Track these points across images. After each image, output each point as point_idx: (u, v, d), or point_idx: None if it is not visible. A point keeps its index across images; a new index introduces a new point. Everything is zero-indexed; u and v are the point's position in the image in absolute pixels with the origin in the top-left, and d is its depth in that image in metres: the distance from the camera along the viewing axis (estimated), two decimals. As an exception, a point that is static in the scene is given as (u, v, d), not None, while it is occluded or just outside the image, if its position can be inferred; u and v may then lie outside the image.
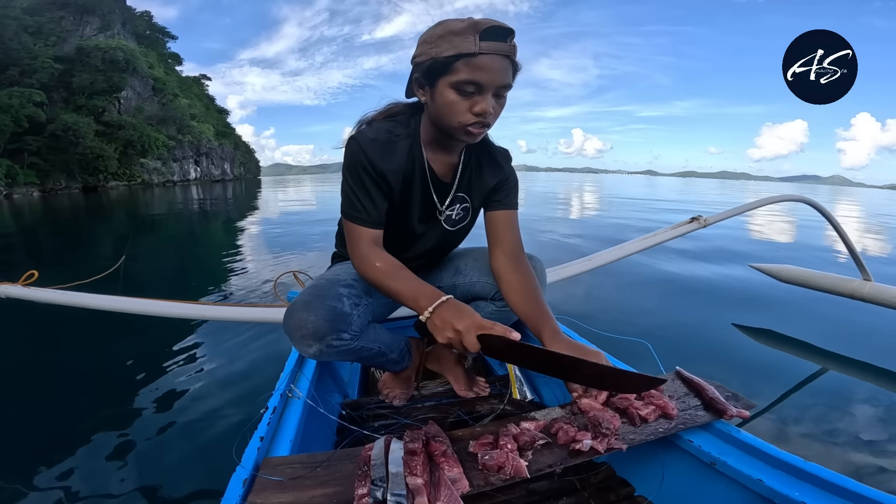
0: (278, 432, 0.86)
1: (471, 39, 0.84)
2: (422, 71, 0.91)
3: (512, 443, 0.75)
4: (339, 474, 0.66)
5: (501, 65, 0.87)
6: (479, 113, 0.89)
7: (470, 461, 0.72)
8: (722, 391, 0.91)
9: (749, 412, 0.85)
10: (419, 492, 0.60)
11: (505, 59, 0.87)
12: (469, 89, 0.87)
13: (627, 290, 3.63)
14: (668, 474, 0.87)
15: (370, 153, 0.96)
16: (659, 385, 0.83)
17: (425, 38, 0.90)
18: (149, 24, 63.42)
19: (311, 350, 0.96)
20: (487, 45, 0.84)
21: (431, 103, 0.94)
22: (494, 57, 0.85)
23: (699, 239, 5.62)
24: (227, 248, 6.17)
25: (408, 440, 0.67)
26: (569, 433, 0.78)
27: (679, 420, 0.84)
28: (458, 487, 0.63)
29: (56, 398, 1.89)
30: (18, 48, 34.45)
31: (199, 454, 1.49)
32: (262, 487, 0.63)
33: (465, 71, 0.86)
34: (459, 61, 0.85)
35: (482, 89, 0.88)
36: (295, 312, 0.95)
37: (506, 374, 1.38)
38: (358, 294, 1.03)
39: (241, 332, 2.53)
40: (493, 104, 0.90)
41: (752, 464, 0.74)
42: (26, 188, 30.82)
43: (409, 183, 1.03)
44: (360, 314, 1.01)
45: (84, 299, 1.30)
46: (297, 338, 0.95)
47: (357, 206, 0.98)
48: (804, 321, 2.80)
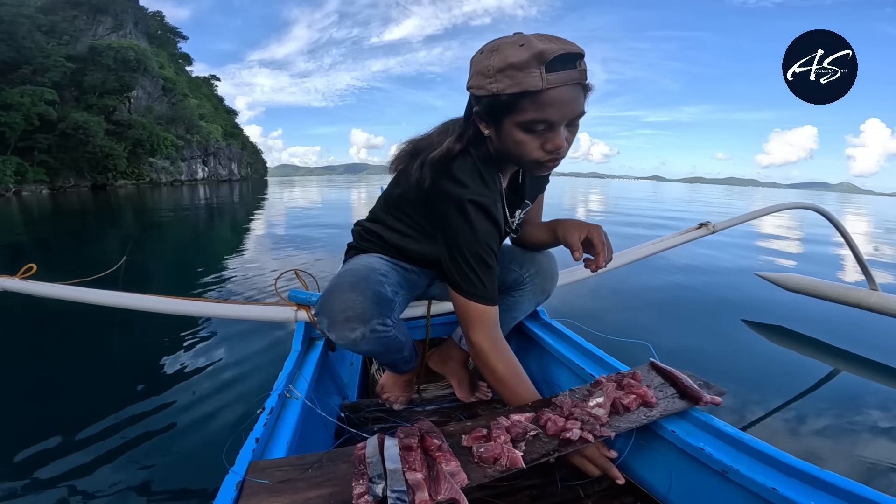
0: (274, 434, 0.84)
1: (536, 74, 0.73)
2: (482, 106, 0.83)
3: (505, 434, 0.74)
4: (334, 475, 0.64)
5: (572, 95, 0.77)
6: (552, 150, 0.82)
7: (465, 455, 0.71)
8: (694, 380, 0.93)
9: (721, 399, 0.88)
10: (419, 487, 0.58)
11: (576, 87, 0.77)
12: (539, 128, 0.80)
13: (631, 296, 3.60)
14: (676, 483, 0.85)
15: (496, 214, 0.90)
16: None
17: (481, 68, 0.79)
18: (160, 25, 64.11)
19: (354, 334, 0.90)
20: (556, 78, 0.74)
21: (497, 140, 0.87)
22: (564, 89, 0.76)
23: (706, 246, 5.60)
24: (231, 248, 6.20)
25: (402, 436, 0.65)
26: (557, 423, 0.78)
27: (659, 408, 0.86)
28: (456, 481, 0.62)
29: (49, 395, 1.88)
30: (31, 46, 34.85)
31: (193, 455, 1.47)
32: (253, 491, 0.61)
33: (533, 110, 0.77)
34: (525, 100, 0.76)
35: (553, 126, 0.80)
36: (340, 293, 0.91)
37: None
38: (393, 284, 1.00)
39: (240, 331, 2.53)
40: (567, 135, 0.83)
41: (765, 472, 0.72)
42: (36, 185, 31.13)
43: (501, 209, 1.01)
44: (400, 303, 1.01)
45: (81, 294, 1.29)
46: (340, 319, 0.90)
47: (478, 284, 0.89)
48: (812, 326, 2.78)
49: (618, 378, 0.93)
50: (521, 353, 1.39)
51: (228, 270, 4.50)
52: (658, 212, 12.88)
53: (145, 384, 1.97)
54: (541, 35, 0.76)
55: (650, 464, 0.91)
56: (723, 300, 3.55)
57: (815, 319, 2.85)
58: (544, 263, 1.22)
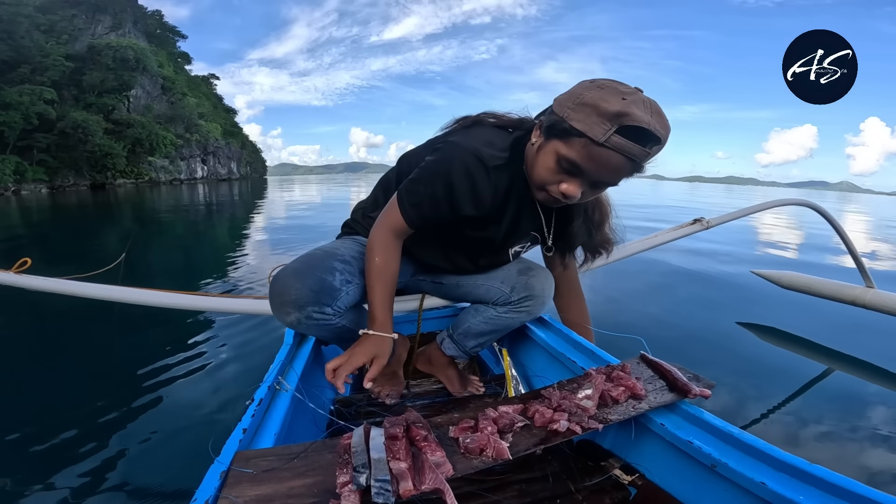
0: (263, 425, 0.84)
1: (606, 128, 0.73)
2: (549, 120, 0.84)
3: (492, 426, 0.74)
4: (319, 464, 0.64)
5: (619, 164, 0.77)
6: (561, 193, 0.84)
7: (451, 446, 0.71)
8: (684, 372, 0.93)
9: (710, 392, 0.88)
10: (403, 476, 0.58)
11: (629, 161, 0.76)
12: (567, 167, 0.81)
13: (625, 291, 3.60)
14: (666, 476, 0.84)
15: (477, 175, 0.91)
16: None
17: (575, 92, 0.80)
18: (159, 23, 63.97)
19: (289, 318, 0.95)
20: (618, 142, 0.74)
21: (534, 151, 0.88)
22: (617, 155, 0.75)
23: (701, 241, 5.59)
24: (229, 244, 6.20)
25: (388, 426, 0.65)
26: (545, 415, 0.78)
27: (647, 401, 0.86)
28: (442, 471, 0.62)
29: (41, 388, 1.88)
30: (30, 46, 34.77)
31: (181, 446, 1.47)
32: (237, 481, 0.61)
33: (577, 151, 0.78)
34: (579, 140, 0.77)
35: (580, 175, 0.81)
36: (282, 277, 0.95)
37: (501, 374, 1.36)
38: (352, 272, 1.00)
39: (234, 324, 2.53)
40: (587, 191, 0.85)
41: (755, 466, 0.71)
42: (35, 185, 31.08)
43: (512, 208, 1.02)
44: (350, 292, 0.99)
45: (75, 288, 1.29)
46: (276, 303, 0.95)
47: (417, 203, 0.94)
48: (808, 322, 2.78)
49: (607, 370, 0.92)
50: (513, 346, 1.39)
51: (226, 265, 4.51)
52: (657, 209, 12.87)
53: (137, 376, 1.96)
54: (651, 103, 0.76)
55: (640, 457, 0.90)
56: (717, 297, 3.55)
57: (810, 318, 2.85)
58: (536, 288, 1.16)
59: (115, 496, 1.27)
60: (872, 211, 21.24)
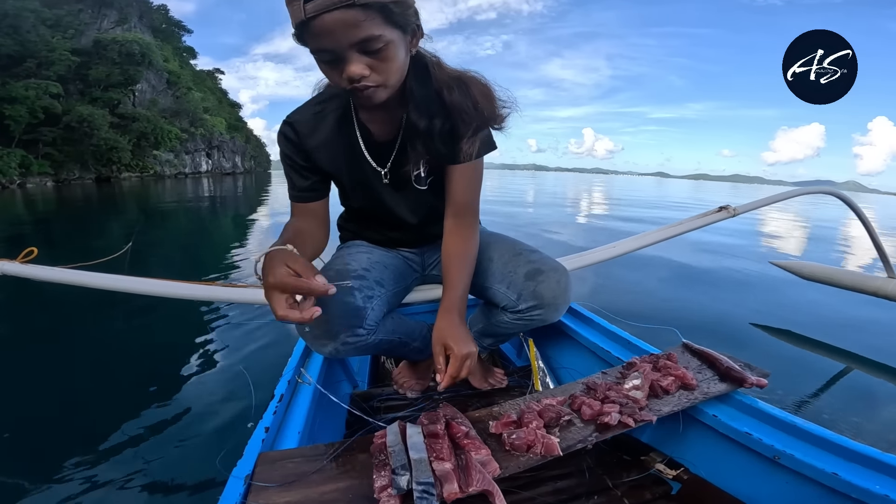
0: (285, 423, 0.79)
1: (297, 5, 0.69)
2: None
3: (537, 420, 0.68)
4: (352, 466, 0.58)
5: (341, 19, 0.69)
6: (350, 80, 0.75)
7: (493, 443, 0.65)
8: (735, 361, 0.88)
9: (766, 381, 0.83)
10: (448, 478, 0.52)
11: (344, 10, 0.68)
12: (325, 58, 0.75)
13: (649, 280, 3.60)
14: (720, 470, 0.79)
15: (289, 135, 0.97)
16: None
17: None
18: (165, 18, 63.90)
19: (327, 349, 0.90)
20: (313, 6, 0.67)
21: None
22: (326, 16, 0.68)
23: (720, 232, 5.56)
24: (237, 235, 6.17)
25: (426, 422, 0.59)
26: (593, 407, 0.72)
27: (700, 391, 0.81)
28: (488, 471, 0.55)
29: (48, 383, 1.84)
30: (36, 40, 34.76)
31: (201, 446, 1.39)
32: (263, 487, 0.55)
33: (310, 41, 0.73)
34: (303, 32, 0.72)
35: (338, 55, 0.73)
36: None
37: (526, 366, 1.30)
38: (370, 285, 0.95)
39: (243, 314, 2.48)
40: (368, 61, 0.74)
41: (823, 457, 0.66)
42: (40, 178, 31.14)
43: (341, 153, 0.97)
44: (375, 307, 0.93)
45: (81, 277, 1.25)
46: (309, 338, 0.91)
47: (288, 184, 1.03)
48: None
49: (652, 360, 0.86)
50: (538, 336, 1.31)
51: (236, 256, 4.48)
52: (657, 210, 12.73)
53: (153, 371, 1.93)
54: None
55: (685, 450, 0.85)
56: (736, 289, 3.50)
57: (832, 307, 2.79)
58: (546, 297, 0.98)
59: (125, 495, 1.22)
60: (880, 210, 21.10)
